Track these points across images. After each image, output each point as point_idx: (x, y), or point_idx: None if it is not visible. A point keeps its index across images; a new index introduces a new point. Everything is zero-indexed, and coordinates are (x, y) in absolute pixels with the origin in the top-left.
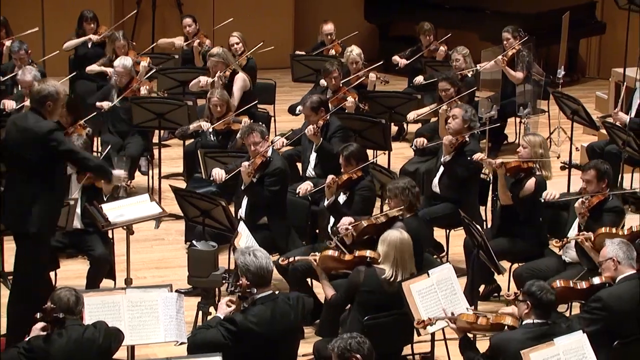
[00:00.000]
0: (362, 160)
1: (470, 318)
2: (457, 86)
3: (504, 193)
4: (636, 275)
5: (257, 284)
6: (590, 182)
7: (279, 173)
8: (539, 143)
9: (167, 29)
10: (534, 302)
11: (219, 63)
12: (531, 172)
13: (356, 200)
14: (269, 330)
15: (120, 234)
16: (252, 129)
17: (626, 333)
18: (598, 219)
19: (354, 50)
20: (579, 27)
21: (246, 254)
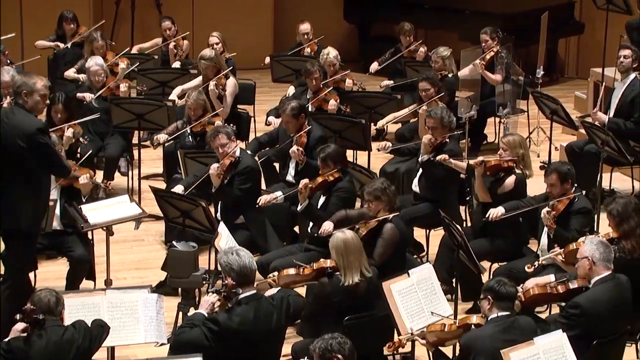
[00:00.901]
0: (339, 162)
1: (437, 327)
2: (437, 86)
3: (483, 191)
4: (611, 277)
5: (241, 283)
6: (554, 186)
7: (249, 171)
8: (519, 143)
9: (146, 30)
10: (493, 295)
11: (210, 66)
12: (511, 170)
13: (332, 202)
14: (251, 330)
15: (100, 235)
16: (217, 131)
17: (604, 334)
18: (567, 224)
19: (330, 53)
20: (558, 27)
21: (229, 254)
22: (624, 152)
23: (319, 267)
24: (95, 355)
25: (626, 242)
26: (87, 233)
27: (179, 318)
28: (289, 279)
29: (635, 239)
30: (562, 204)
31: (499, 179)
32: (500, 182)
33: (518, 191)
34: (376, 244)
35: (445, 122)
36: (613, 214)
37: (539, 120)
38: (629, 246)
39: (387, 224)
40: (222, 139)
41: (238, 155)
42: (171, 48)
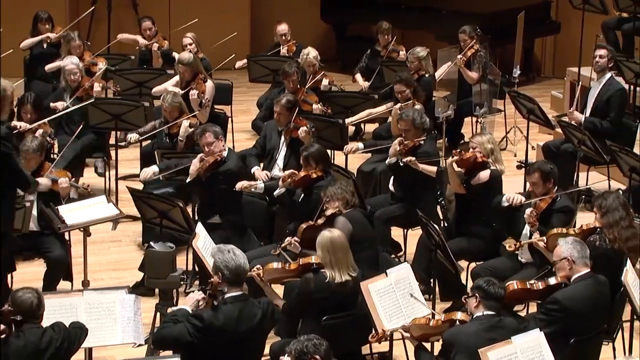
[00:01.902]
0: (322, 162)
1: (422, 321)
2: (412, 86)
3: (455, 180)
4: (590, 274)
5: (232, 282)
6: (536, 184)
7: (229, 174)
8: (487, 140)
9: (122, 30)
10: (482, 294)
11: (187, 70)
12: (485, 165)
13: (313, 198)
14: (235, 329)
15: (77, 235)
16: (204, 130)
17: (582, 332)
18: (548, 222)
19: (310, 53)
20: (534, 26)
21: (225, 251)
22: (601, 151)
23: (305, 262)
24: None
25: (609, 232)
26: (64, 234)
27: (157, 319)
28: (275, 273)
29: (618, 229)
30: (545, 203)
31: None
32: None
33: (493, 184)
34: None
35: (417, 123)
36: (600, 205)
37: (516, 119)
38: (611, 236)
39: (339, 217)
40: (208, 138)
41: (225, 156)
42: (155, 50)
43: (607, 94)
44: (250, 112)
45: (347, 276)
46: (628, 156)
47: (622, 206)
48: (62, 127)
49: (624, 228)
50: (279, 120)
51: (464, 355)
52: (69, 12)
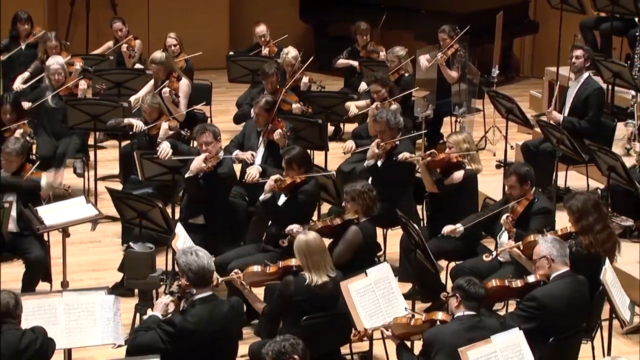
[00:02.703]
0: (304, 164)
1: (403, 320)
2: (388, 86)
3: (428, 180)
4: (569, 273)
5: (198, 284)
6: (513, 187)
7: (225, 178)
8: (463, 139)
9: (101, 30)
10: (462, 294)
11: (160, 69)
12: (460, 166)
13: (296, 202)
14: (207, 330)
15: (56, 236)
16: (204, 128)
17: (561, 330)
18: (527, 225)
19: (290, 53)
20: (513, 26)
21: (188, 254)
22: (579, 150)
23: (285, 265)
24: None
25: (584, 238)
26: (43, 235)
27: (137, 319)
28: (255, 276)
29: (593, 235)
30: (522, 206)
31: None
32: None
33: (467, 185)
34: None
35: (392, 124)
36: (572, 210)
37: (495, 119)
38: (587, 242)
39: (353, 226)
40: (208, 137)
41: (221, 158)
42: (124, 51)
43: (585, 93)
44: (229, 112)
45: (325, 277)
46: (606, 155)
47: (594, 208)
48: (44, 127)
49: (599, 232)
50: (258, 121)
51: (445, 355)
52: (48, 12)
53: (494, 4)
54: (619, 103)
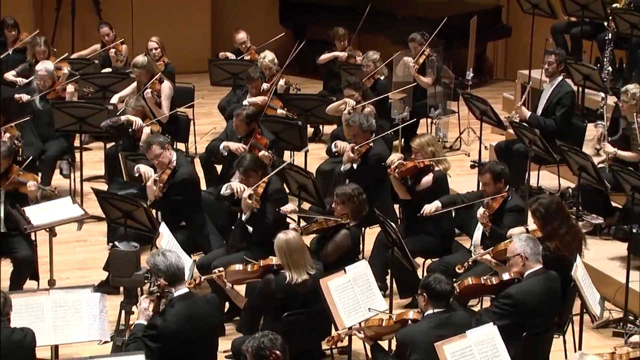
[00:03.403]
0: (260, 169)
1: (375, 322)
2: (361, 90)
3: (400, 189)
4: (543, 271)
5: (172, 282)
6: (487, 184)
7: (185, 183)
8: (427, 142)
9: (86, 35)
10: (429, 293)
11: (142, 73)
12: (428, 170)
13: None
14: (188, 327)
15: (43, 236)
16: (149, 143)
17: (534, 326)
18: (500, 221)
19: (267, 56)
20: (486, 31)
21: (155, 255)
22: (551, 151)
23: (266, 264)
24: (40, 354)
25: (550, 244)
26: (30, 234)
27: (122, 316)
28: (237, 274)
29: (559, 239)
30: (497, 203)
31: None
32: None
33: (438, 187)
34: (326, 245)
35: (364, 127)
36: (537, 215)
37: (469, 120)
38: (553, 246)
39: (343, 229)
40: (155, 150)
41: (175, 164)
42: (112, 55)
43: (557, 95)
44: (211, 115)
45: (305, 275)
46: (577, 156)
47: (557, 212)
48: (31, 129)
49: (564, 235)
50: (238, 130)
51: (419, 354)
52: (34, 17)
53: (467, 9)
54: (589, 105)
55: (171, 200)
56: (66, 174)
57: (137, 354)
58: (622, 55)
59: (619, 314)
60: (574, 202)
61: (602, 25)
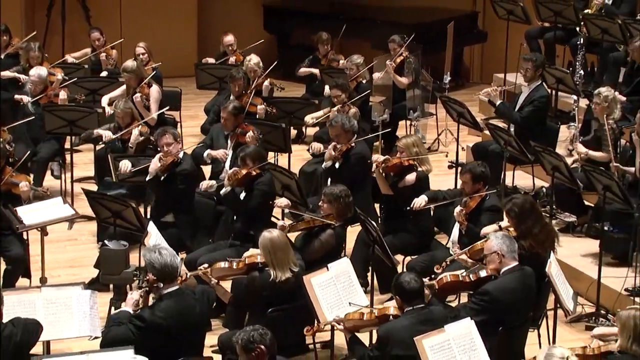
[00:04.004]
0: (258, 160)
1: (356, 316)
2: (347, 91)
3: (383, 183)
4: (519, 268)
5: (163, 279)
6: (466, 184)
7: (186, 174)
8: (412, 143)
9: (76, 40)
10: (401, 294)
11: (131, 77)
12: (412, 168)
13: (255, 194)
14: (175, 323)
15: (35, 235)
16: (165, 130)
17: (510, 320)
18: (477, 220)
19: (252, 59)
20: (463, 35)
21: (152, 252)
22: (525, 151)
23: (251, 262)
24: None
25: (525, 242)
26: (22, 234)
27: (111, 313)
28: (222, 272)
29: (532, 237)
30: (474, 202)
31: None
32: (403, 178)
33: (420, 186)
34: (311, 243)
35: (347, 127)
36: (511, 215)
37: (447, 122)
38: (527, 244)
39: (329, 229)
40: (168, 139)
41: (181, 157)
42: (103, 59)
43: (532, 97)
44: (198, 118)
45: (288, 273)
46: (551, 156)
47: (530, 211)
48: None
49: (538, 233)
50: (226, 125)
51: (400, 348)
52: (25, 23)
53: (445, 15)
54: (562, 107)
55: (171, 186)
56: (57, 175)
57: (126, 348)
58: (593, 59)
59: (592, 308)
60: (548, 201)
61: (574, 30)
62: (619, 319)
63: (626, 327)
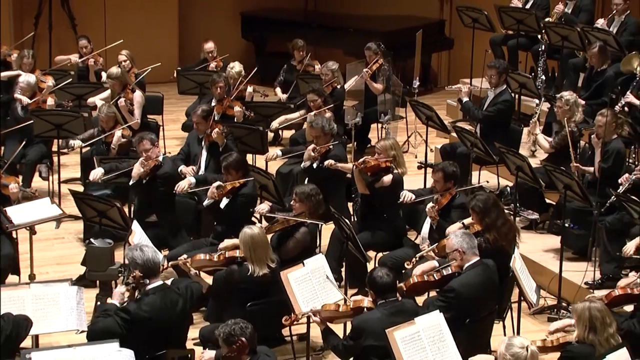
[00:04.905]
0: (241, 169)
1: (331, 307)
2: (323, 97)
3: (361, 183)
4: (480, 262)
5: (148, 275)
6: (438, 182)
7: (167, 177)
8: (390, 145)
9: (62, 48)
10: (374, 288)
11: (116, 83)
12: (389, 170)
13: (238, 203)
14: (160, 317)
15: (24, 234)
16: (142, 137)
17: (476, 313)
18: (448, 216)
19: (235, 67)
20: (431, 43)
21: (134, 250)
22: (490, 152)
23: (230, 256)
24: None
25: (489, 234)
26: (12, 232)
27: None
28: (202, 263)
29: (497, 230)
30: (445, 199)
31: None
32: (379, 178)
33: (395, 187)
34: (286, 242)
35: (326, 130)
36: (475, 210)
37: (416, 125)
38: (492, 237)
39: (303, 227)
40: (146, 145)
41: (161, 160)
42: (91, 65)
43: (497, 101)
44: (179, 121)
45: (266, 269)
46: (514, 157)
47: (493, 206)
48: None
49: (501, 226)
50: (198, 129)
51: (373, 339)
52: (14, 31)
53: (413, 23)
54: (525, 110)
55: (152, 189)
56: (45, 177)
57: (111, 342)
58: (554, 65)
59: (554, 301)
60: (512, 199)
61: (536, 37)
62: (575, 311)
63: (582, 318)
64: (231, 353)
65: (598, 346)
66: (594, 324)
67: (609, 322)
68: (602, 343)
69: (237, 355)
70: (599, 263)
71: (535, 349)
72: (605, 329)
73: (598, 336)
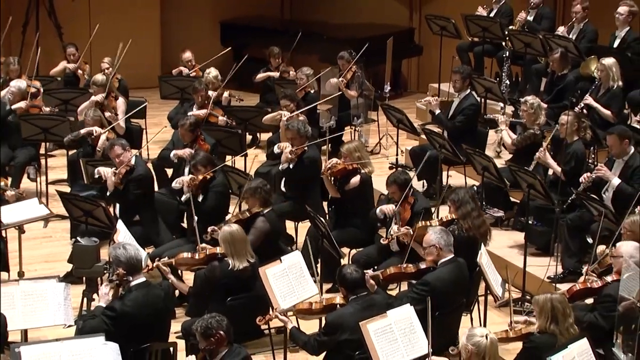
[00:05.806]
0: (209, 165)
1: (305, 306)
2: (295, 101)
3: (331, 188)
4: (454, 259)
5: (131, 272)
6: (395, 193)
7: (141, 179)
8: (355, 148)
9: (49, 55)
10: (344, 284)
11: (100, 90)
12: (356, 172)
13: (210, 197)
14: (143, 312)
15: (13, 233)
16: (112, 144)
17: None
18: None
19: (211, 72)
20: (401, 49)
21: (117, 249)
22: (458, 153)
23: (211, 253)
24: (11, 337)
25: (464, 222)
26: (1, 232)
27: (84, 303)
28: (184, 260)
29: (471, 219)
30: (407, 212)
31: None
32: (348, 180)
33: (363, 187)
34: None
35: (302, 132)
36: (454, 200)
37: (387, 128)
38: (466, 225)
39: (259, 217)
40: (117, 150)
41: (133, 163)
42: (79, 72)
43: (463, 105)
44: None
45: (246, 263)
46: (481, 158)
47: (471, 199)
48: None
49: (475, 217)
50: (183, 138)
51: (348, 333)
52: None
53: (384, 31)
54: (491, 113)
55: (128, 194)
56: (33, 178)
57: (97, 336)
58: (518, 70)
59: (518, 294)
60: (479, 198)
61: (501, 44)
62: (537, 302)
63: (544, 309)
64: (210, 346)
65: (559, 336)
66: (555, 314)
67: (569, 313)
68: (563, 332)
69: (215, 348)
70: (560, 258)
71: (494, 336)
72: (566, 319)
73: (559, 326)
